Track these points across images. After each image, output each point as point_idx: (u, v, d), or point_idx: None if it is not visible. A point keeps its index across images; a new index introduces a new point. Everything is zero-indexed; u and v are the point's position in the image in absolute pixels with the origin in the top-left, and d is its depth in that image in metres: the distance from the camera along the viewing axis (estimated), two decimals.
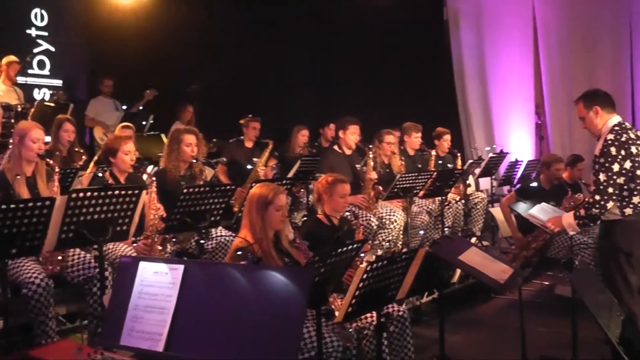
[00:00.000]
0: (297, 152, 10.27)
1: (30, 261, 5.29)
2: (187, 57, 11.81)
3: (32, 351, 3.51)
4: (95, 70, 12.03)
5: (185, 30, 11.74)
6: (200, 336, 3.15)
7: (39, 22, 11.90)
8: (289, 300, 3.02)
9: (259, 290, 3.11)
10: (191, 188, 5.71)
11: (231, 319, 3.09)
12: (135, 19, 11.32)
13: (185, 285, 3.25)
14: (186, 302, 3.22)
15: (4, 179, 5.50)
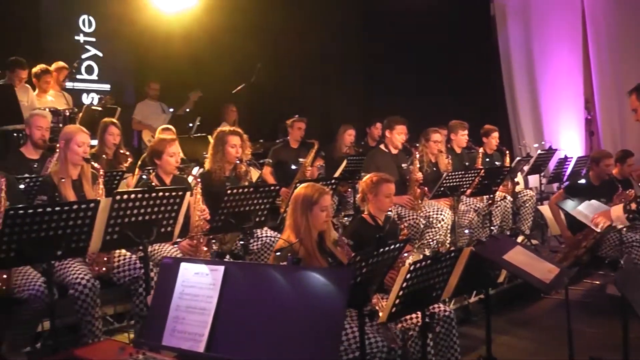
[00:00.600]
0: (344, 152, 10.25)
1: (77, 262, 5.37)
2: (232, 58, 11.86)
3: (76, 350, 3.54)
4: (142, 74, 12.17)
5: (230, 32, 11.79)
6: (241, 337, 3.15)
7: (87, 28, 12.10)
8: (329, 301, 3.01)
9: (299, 291, 3.10)
10: (235, 189, 5.72)
11: (271, 320, 3.09)
12: (180, 23, 11.39)
13: (225, 286, 3.25)
14: (226, 303, 3.23)
15: (51, 182, 5.60)
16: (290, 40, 12.53)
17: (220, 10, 11.69)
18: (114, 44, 12.35)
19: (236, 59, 11.90)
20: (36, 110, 8.37)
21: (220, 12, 11.69)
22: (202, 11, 11.42)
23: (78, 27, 12.02)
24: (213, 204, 5.96)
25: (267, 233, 6.66)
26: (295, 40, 12.59)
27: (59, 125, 8.25)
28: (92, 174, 5.80)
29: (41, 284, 4.96)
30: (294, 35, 12.56)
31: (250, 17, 12.11)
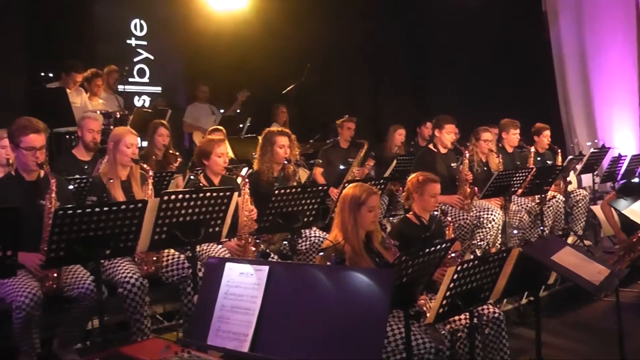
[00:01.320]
0: (394, 152, 10.21)
1: (126, 261, 5.44)
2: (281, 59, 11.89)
3: (122, 348, 3.56)
4: (192, 76, 12.28)
5: (279, 33, 11.82)
6: (285, 337, 3.14)
7: (139, 32, 12.29)
8: (372, 301, 2.98)
9: (342, 291, 3.08)
10: (283, 189, 5.73)
11: (314, 320, 3.08)
12: (230, 25, 11.46)
13: (270, 286, 3.25)
14: (271, 303, 3.23)
15: (100, 182, 5.68)
16: (339, 40, 12.51)
17: (269, 11, 11.73)
18: (165, 47, 12.52)
19: (286, 60, 11.93)
20: (88, 112, 8.50)
21: (269, 13, 11.74)
22: (251, 12, 11.48)
23: (130, 31, 12.21)
24: (261, 204, 5.97)
25: (315, 233, 6.66)
26: (345, 39, 12.57)
27: (110, 128, 8.35)
28: (141, 175, 5.86)
29: (90, 283, 5.04)
30: (343, 34, 12.53)
31: (299, 17, 12.13)
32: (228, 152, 6.47)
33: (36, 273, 5.01)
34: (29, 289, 4.82)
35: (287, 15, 11.92)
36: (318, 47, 12.32)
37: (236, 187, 6.09)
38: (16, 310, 4.76)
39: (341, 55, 12.61)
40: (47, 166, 5.29)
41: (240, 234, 5.99)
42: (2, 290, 4.92)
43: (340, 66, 12.61)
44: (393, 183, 8.80)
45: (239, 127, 10.49)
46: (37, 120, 5.28)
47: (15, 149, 5.22)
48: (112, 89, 10.16)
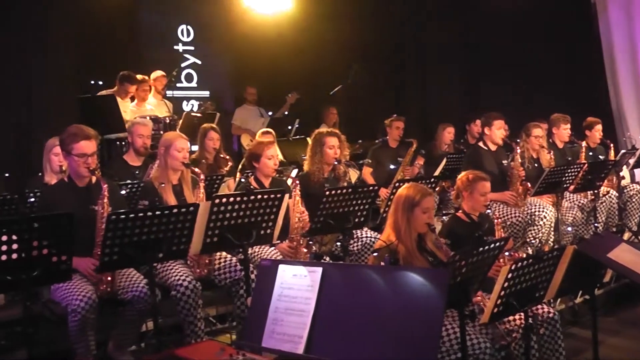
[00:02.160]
0: (444, 150, 10.12)
1: (179, 264, 5.47)
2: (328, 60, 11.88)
3: (177, 350, 3.59)
4: (240, 79, 12.34)
5: (325, 34, 11.81)
6: (339, 338, 3.13)
7: (186, 38, 12.40)
8: (428, 301, 2.97)
9: (397, 292, 3.07)
10: (333, 190, 5.70)
11: (369, 321, 3.07)
12: (276, 27, 11.50)
13: (323, 288, 3.25)
14: (325, 304, 3.22)
15: (152, 187, 5.73)
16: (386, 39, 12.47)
17: (315, 12, 11.74)
18: (212, 51, 12.60)
19: (333, 61, 11.92)
20: (137, 118, 8.59)
21: (315, 15, 11.75)
22: (297, 14, 11.50)
23: (177, 37, 12.33)
24: (312, 205, 5.97)
25: (367, 234, 6.63)
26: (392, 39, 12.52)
27: (160, 133, 8.43)
28: (193, 179, 5.89)
29: (144, 286, 5.08)
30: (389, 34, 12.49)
31: (345, 18, 12.11)
32: (278, 154, 6.45)
33: (90, 277, 5.07)
34: (84, 293, 4.88)
35: (333, 16, 11.91)
36: (365, 47, 12.28)
37: (287, 188, 6.09)
38: (72, 313, 4.83)
39: (388, 55, 12.56)
40: (98, 172, 5.34)
41: (291, 235, 5.99)
42: (58, 294, 5.01)
43: (388, 65, 12.55)
44: (444, 181, 8.73)
45: (287, 128, 10.52)
46: (88, 128, 5.35)
47: (67, 156, 5.29)
48: (160, 94, 10.26)
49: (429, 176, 8.37)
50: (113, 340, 5.43)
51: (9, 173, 7.53)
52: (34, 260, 4.22)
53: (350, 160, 7.74)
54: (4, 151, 8.52)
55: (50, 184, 6.37)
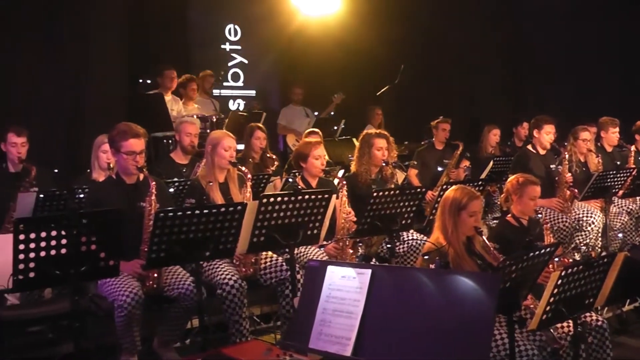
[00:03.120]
0: (489, 152, 10.02)
1: (225, 263, 5.48)
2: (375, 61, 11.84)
3: (224, 349, 3.58)
4: (286, 79, 12.36)
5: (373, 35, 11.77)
6: (388, 341, 3.09)
7: (233, 37, 12.45)
8: (478, 306, 2.91)
9: (447, 295, 3.02)
10: (381, 191, 5.65)
11: (418, 324, 3.02)
12: (323, 28, 11.49)
13: (372, 290, 3.21)
14: (373, 306, 3.18)
15: (199, 185, 5.74)
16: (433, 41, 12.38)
17: (362, 13, 11.70)
18: (259, 51, 12.64)
19: (379, 62, 11.88)
20: (185, 117, 8.63)
21: (362, 15, 11.71)
22: (345, 15, 11.47)
23: (224, 37, 12.38)
24: (358, 206, 5.93)
25: (413, 236, 6.58)
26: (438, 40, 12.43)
27: (207, 131, 8.45)
28: (240, 177, 5.89)
29: (190, 283, 5.10)
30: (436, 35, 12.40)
31: (393, 19, 12.05)
32: (325, 154, 6.43)
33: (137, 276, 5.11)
34: (131, 289, 4.92)
35: (380, 17, 11.87)
36: (412, 48, 12.21)
37: (334, 189, 6.06)
38: (118, 309, 4.89)
39: (435, 56, 12.46)
40: (145, 170, 5.38)
41: (337, 236, 5.96)
42: (104, 289, 5.06)
43: (434, 66, 12.45)
44: (489, 185, 8.64)
45: (333, 129, 10.49)
46: (137, 126, 5.40)
47: (116, 153, 5.34)
48: (207, 93, 10.30)
49: (475, 179, 8.27)
50: (158, 337, 5.48)
51: (58, 169, 7.60)
52: (82, 256, 4.27)
53: (397, 162, 7.67)
54: (54, 147, 8.63)
55: (97, 180, 6.44)
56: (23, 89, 8.29)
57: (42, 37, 8.53)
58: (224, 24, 12.41)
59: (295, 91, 11.34)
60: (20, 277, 4.14)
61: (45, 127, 8.49)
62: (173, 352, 5.45)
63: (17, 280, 4.15)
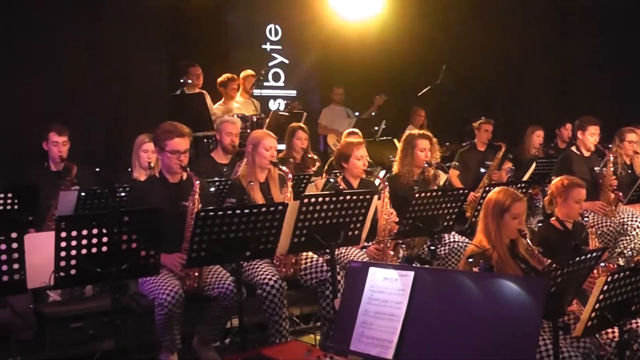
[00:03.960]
0: (532, 154, 9.89)
1: (265, 263, 5.46)
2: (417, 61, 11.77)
3: (264, 350, 3.56)
4: (327, 79, 12.34)
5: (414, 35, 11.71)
6: (430, 344, 3.04)
7: (273, 37, 12.46)
8: (524, 311, 2.85)
9: (492, 299, 2.95)
10: (423, 192, 5.62)
11: (462, 329, 2.97)
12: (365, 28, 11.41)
13: (415, 292, 3.17)
14: (416, 309, 3.14)
15: (240, 185, 5.74)
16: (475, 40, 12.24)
17: (404, 14, 11.62)
18: (300, 50, 12.63)
19: (421, 62, 11.80)
20: (226, 116, 8.65)
21: (404, 16, 11.63)
22: (386, 15, 11.39)
23: (265, 36, 12.39)
24: (400, 207, 5.90)
25: (454, 238, 6.51)
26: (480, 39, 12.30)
27: (247, 131, 8.45)
28: (280, 177, 5.88)
29: (230, 283, 5.10)
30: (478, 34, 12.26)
31: (434, 19, 11.97)
32: (366, 155, 6.39)
33: (177, 272, 5.11)
34: (171, 287, 4.94)
35: (421, 17, 11.79)
36: (453, 48, 12.10)
37: (375, 190, 6.02)
38: (159, 307, 4.91)
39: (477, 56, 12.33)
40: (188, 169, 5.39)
41: (379, 237, 5.92)
42: (145, 287, 5.08)
43: (477, 66, 12.32)
44: (532, 187, 8.52)
45: (374, 129, 10.44)
46: (182, 125, 5.43)
47: (160, 152, 5.36)
48: (248, 93, 10.31)
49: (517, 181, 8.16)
50: (198, 335, 5.49)
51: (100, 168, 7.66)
52: (123, 254, 4.30)
53: (439, 163, 7.60)
54: (97, 146, 8.69)
55: (138, 179, 6.47)
56: (66, 89, 8.36)
57: (84, 37, 8.59)
58: (265, 23, 12.41)
59: (337, 91, 11.32)
60: (62, 274, 4.19)
61: (87, 126, 8.55)
62: (212, 351, 5.46)
63: (59, 277, 4.20)
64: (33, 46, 8.08)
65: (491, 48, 12.47)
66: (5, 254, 4.04)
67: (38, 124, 7.18)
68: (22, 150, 7.66)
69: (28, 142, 7.40)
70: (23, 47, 8.00)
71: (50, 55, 8.23)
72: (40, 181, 6.41)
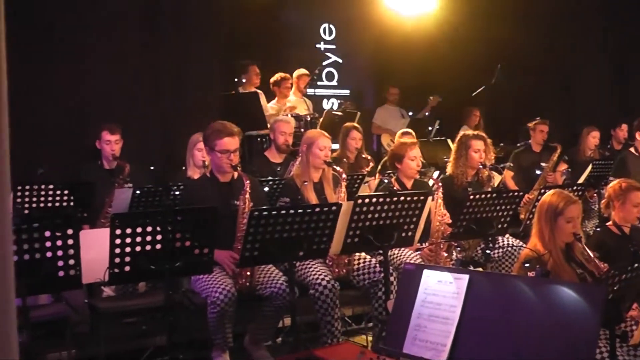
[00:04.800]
0: (588, 156, 9.72)
1: (318, 263, 5.46)
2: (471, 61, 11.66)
3: (316, 350, 3.55)
4: (381, 79, 12.29)
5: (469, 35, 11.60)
6: (484, 349, 3.00)
7: (327, 36, 12.43)
8: (581, 318, 2.78)
9: (548, 306, 2.90)
10: (478, 194, 5.55)
11: (517, 334, 2.92)
12: (419, 27, 11.34)
13: (469, 296, 3.12)
14: (470, 313, 3.09)
15: (293, 184, 5.74)
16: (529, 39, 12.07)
17: (459, 13, 11.52)
18: (354, 50, 12.59)
19: (475, 61, 11.67)
20: (280, 116, 8.67)
21: (459, 14, 11.53)
22: (441, 15, 11.31)
23: (319, 36, 12.38)
24: (453, 209, 5.85)
25: (508, 241, 6.42)
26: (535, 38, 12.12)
27: (301, 130, 8.47)
28: (334, 177, 5.86)
29: (283, 282, 5.10)
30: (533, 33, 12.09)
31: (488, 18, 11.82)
32: (420, 156, 6.34)
33: (230, 271, 5.13)
34: (224, 286, 4.95)
35: (476, 17, 11.66)
36: (508, 47, 11.93)
37: (429, 190, 5.97)
38: (211, 305, 4.93)
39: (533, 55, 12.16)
40: (240, 168, 5.41)
41: (432, 239, 5.87)
42: (198, 285, 5.12)
43: (532, 66, 12.15)
44: (588, 189, 8.37)
45: (427, 130, 10.37)
46: (231, 124, 5.44)
47: (210, 151, 5.39)
48: (302, 92, 10.32)
49: (572, 183, 8.03)
50: (250, 334, 5.50)
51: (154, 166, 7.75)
52: (177, 251, 4.34)
53: (494, 164, 7.51)
54: (151, 144, 8.78)
55: (192, 178, 6.51)
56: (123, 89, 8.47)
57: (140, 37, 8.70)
58: (319, 23, 12.40)
59: (392, 91, 11.30)
60: (116, 270, 4.25)
61: (143, 125, 8.65)
62: (264, 351, 5.46)
63: (113, 273, 4.26)
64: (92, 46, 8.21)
65: (548, 47, 12.29)
66: (61, 250, 4.12)
67: (94, 123, 7.29)
68: (78, 149, 7.78)
69: (84, 141, 7.50)
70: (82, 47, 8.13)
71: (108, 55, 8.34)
72: (94, 179, 6.51)
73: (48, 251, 4.06)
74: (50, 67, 7.79)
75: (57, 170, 7.17)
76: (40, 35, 7.74)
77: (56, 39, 7.85)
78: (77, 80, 8.04)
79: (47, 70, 7.77)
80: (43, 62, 7.78)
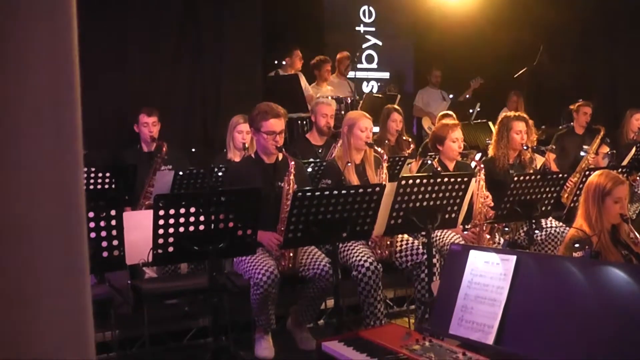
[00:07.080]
0: (631, 138, 9.56)
1: (360, 245, 5.44)
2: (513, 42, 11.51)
3: (361, 332, 3.55)
4: (420, 61, 12.22)
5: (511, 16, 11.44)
6: (533, 332, 2.99)
7: (367, 19, 12.38)
8: (632, 300, 2.74)
9: (597, 287, 2.87)
10: (522, 176, 5.50)
11: (566, 317, 2.89)
12: (460, 9, 11.24)
13: (517, 277, 3.11)
14: (518, 294, 3.08)
15: (336, 166, 5.73)
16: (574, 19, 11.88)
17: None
18: (393, 32, 12.52)
19: (518, 42, 11.52)
20: (321, 98, 8.66)
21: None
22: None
23: (359, 18, 12.33)
24: (496, 191, 5.80)
25: (551, 223, 6.36)
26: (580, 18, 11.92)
27: (342, 113, 8.45)
28: (376, 159, 5.84)
29: (326, 264, 5.09)
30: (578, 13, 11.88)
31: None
32: (462, 137, 6.29)
33: (273, 252, 5.15)
34: (267, 267, 4.96)
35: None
36: (551, 28, 11.77)
37: (472, 172, 5.92)
38: (254, 286, 4.94)
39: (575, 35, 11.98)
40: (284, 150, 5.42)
41: (475, 221, 5.83)
42: (241, 266, 5.14)
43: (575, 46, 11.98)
44: (631, 173, 8.24)
45: (468, 112, 10.29)
46: (277, 106, 5.45)
47: (256, 133, 5.39)
48: (343, 74, 10.30)
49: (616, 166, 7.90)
50: (292, 316, 5.52)
51: (195, 148, 7.78)
52: (221, 233, 4.35)
53: (536, 146, 7.42)
54: (193, 127, 8.84)
55: (233, 160, 6.52)
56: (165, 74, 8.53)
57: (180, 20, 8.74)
58: (359, 5, 12.35)
59: (434, 74, 11.23)
60: (159, 251, 4.28)
61: (183, 108, 8.70)
62: (307, 332, 5.47)
63: (157, 254, 4.29)
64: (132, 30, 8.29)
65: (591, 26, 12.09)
66: (105, 231, 4.16)
67: (135, 107, 7.34)
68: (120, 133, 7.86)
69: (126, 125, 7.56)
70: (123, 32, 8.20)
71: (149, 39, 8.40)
72: (134, 163, 6.56)
73: (92, 232, 4.10)
74: (91, 54, 7.84)
75: (98, 153, 7.23)
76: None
77: (97, 26, 7.89)
78: (118, 65, 8.10)
79: (88, 57, 7.81)
80: (84, 49, 7.84)
